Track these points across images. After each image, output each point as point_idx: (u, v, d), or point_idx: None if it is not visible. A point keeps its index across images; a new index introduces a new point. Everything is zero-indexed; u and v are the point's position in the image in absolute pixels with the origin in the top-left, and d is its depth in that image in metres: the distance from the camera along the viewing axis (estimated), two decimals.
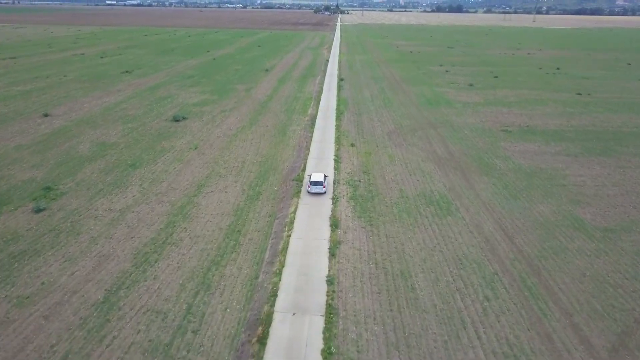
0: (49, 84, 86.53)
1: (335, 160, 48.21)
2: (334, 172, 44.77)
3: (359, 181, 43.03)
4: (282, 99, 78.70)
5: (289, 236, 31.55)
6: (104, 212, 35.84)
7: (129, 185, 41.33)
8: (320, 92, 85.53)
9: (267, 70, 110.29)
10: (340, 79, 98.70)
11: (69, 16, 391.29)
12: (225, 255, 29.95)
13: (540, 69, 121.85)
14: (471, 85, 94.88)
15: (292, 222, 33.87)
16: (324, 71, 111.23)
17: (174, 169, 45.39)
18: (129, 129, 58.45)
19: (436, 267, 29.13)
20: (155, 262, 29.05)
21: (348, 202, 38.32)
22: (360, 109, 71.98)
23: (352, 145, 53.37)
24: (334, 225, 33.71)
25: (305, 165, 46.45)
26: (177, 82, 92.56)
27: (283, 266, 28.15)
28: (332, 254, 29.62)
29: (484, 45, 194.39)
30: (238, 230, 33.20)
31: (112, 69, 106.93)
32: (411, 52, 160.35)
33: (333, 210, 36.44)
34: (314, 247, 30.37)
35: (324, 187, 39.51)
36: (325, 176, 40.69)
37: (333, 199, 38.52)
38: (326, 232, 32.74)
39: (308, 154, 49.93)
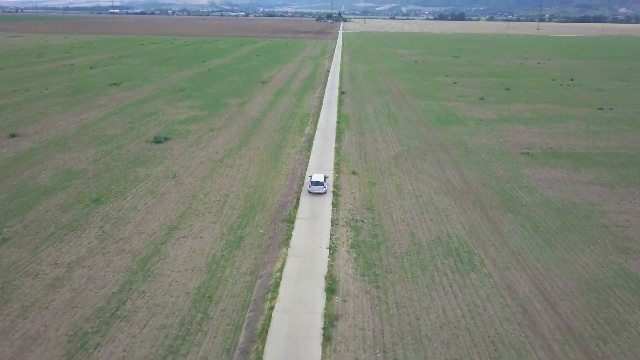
0: (28, 98, 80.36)
1: (334, 192, 41.46)
2: (332, 210, 38.01)
3: (362, 221, 36.22)
4: (277, 115, 72.18)
5: (271, 308, 24.67)
6: (48, 268, 29.11)
7: (88, 227, 34.64)
8: (319, 107, 79.02)
9: (264, 82, 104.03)
10: (342, 92, 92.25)
11: (69, 25, 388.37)
12: (188, 338, 23.10)
13: (553, 80, 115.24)
14: (482, 98, 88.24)
15: (277, 285, 27.01)
16: (324, 83, 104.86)
17: (145, 204, 38.72)
18: (102, 153, 51.91)
19: (464, 357, 22.21)
20: (95, 349, 22.22)
21: (349, 252, 31.47)
22: (362, 127, 65.33)
23: (354, 173, 46.60)
24: (331, 289, 26.82)
25: (298, 200, 39.70)
26: (167, 95, 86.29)
27: None
28: (326, 338, 22.71)
29: (491, 54, 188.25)
30: (209, 297, 26.36)
31: (99, 80, 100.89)
32: (415, 61, 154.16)
33: (330, 265, 29.59)
34: (303, 325, 23.46)
35: (324, 187, 40.79)
36: (325, 177, 41.91)
37: (330, 248, 31.69)
38: (320, 300, 25.84)
39: (302, 185, 43.19)
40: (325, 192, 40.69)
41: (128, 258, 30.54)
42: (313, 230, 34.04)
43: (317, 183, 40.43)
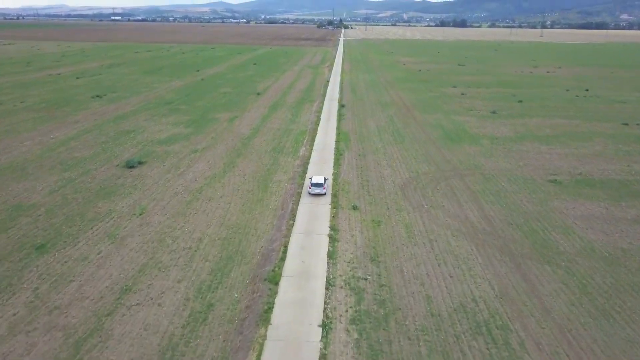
0: None
1: (330, 236, 34.27)
2: (328, 262, 30.77)
3: (365, 279, 28.99)
4: (270, 132, 65.13)
5: None
6: None
7: (19, 289, 27.47)
8: (317, 122, 71.99)
9: (258, 93, 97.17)
10: (341, 105, 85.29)
11: (67, 32, 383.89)
12: None
13: (567, 90, 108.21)
14: (494, 112, 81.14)
15: None
16: (323, 95, 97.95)
17: (98, 254, 31.58)
18: (63, 181, 44.84)
19: None
20: None
21: (347, 331, 24.17)
22: (364, 148, 58.22)
23: (355, 208, 39.39)
24: None
25: (286, 248, 32.49)
26: (151, 109, 79.42)
27: None
28: None
29: (496, 62, 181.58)
30: None
31: (82, 92, 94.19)
32: (419, 70, 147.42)
33: (322, 355, 22.29)
34: None
35: (324, 188, 41.87)
36: (325, 179, 43.18)
37: (323, 325, 24.40)
38: None
39: (293, 225, 35.99)
40: (325, 194, 41.99)
41: (59, 339, 23.33)
42: (302, 296, 26.72)
43: (317, 184, 41.74)
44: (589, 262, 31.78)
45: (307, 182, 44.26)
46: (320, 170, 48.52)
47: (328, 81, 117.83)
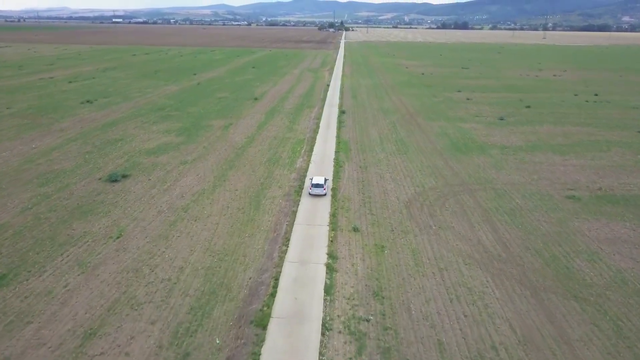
0: None
1: (327, 265, 30.52)
2: (325, 299, 27.03)
3: (367, 320, 25.24)
4: (266, 141, 61.47)
5: None
6: None
7: None
8: (316, 130, 68.31)
9: (255, 99, 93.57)
10: (342, 111, 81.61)
11: (66, 34, 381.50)
12: None
13: (576, 95, 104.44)
14: (502, 119, 77.39)
15: None
16: (323, 100, 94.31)
17: (65, 287, 27.89)
18: (39, 198, 41.21)
19: None
20: None
21: None
22: (366, 159, 54.50)
23: (355, 230, 35.66)
24: None
25: (277, 280, 28.72)
26: (143, 115, 75.86)
27: None
28: None
29: (501, 64, 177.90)
30: None
31: (73, 97, 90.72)
32: (422, 74, 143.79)
33: None
34: None
35: (324, 189, 42.07)
36: (325, 179, 43.48)
37: None
38: None
39: (286, 251, 32.25)
40: (325, 194, 42.22)
41: None
42: (293, 344, 22.89)
43: (317, 185, 42.01)
44: (621, 296, 27.98)
45: (307, 183, 44.89)
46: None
47: (328, 85, 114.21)
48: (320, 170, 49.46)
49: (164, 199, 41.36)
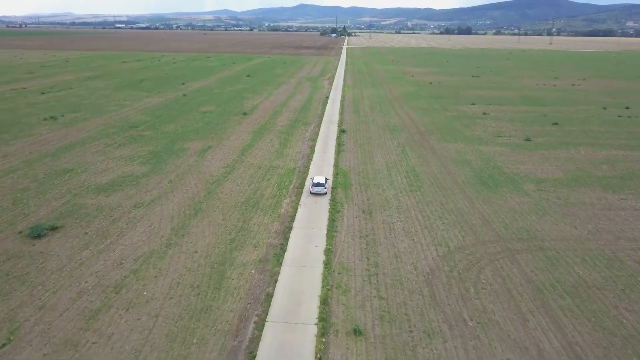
0: None
1: None
2: None
3: None
4: (247, 172, 50.39)
5: None
6: None
7: None
8: (310, 155, 57.24)
9: (244, 113, 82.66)
10: (342, 130, 70.53)
11: (63, 40, 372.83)
12: None
13: (605, 109, 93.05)
14: (529, 139, 66.11)
15: None
16: (321, 115, 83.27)
17: None
18: None
19: None
20: None
21: None
22: (370, 198, 43.28)
23: (357, 332, 24.29)
24: None
25: None
26: (109, 136, 64.96)
27: None
28: None
29: (512, 72, 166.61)
30: None
31: (37, 112, 79.98)
32: (430, 83, 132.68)
33: None
34: None
35: (325, 188, 43.30)
36: (326, 179, 44.91)
37: None
38: None
39: None
40: (325, 193, 43.34)
41: None
42: None
43: (318, 184, 43.24)
44: None
45: (308, 182, 46.06)
46: (306, 251, 33.52)
47: (327, 97, 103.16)
48: (311, 218, 38.32)
49: (93, 269, 30.21)
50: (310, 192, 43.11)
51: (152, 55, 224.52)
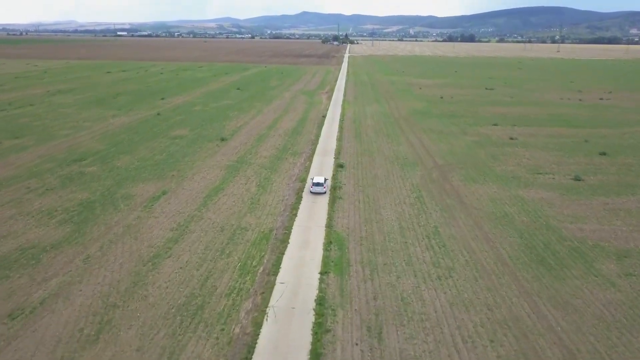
0: None
1: None
2: None
3: None
4: (204, 238, 35.77)
5: None
6: None
7: None
8: (295, 206, 42.71)
9: (222, 139, 68.29)
10: (339, 165, 56.03)
11: (56, 48, 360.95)
12: None
13: None
14: (579, 179, 51.36)
15: None
16: (315, 141, 68.83)
17: None
18: None
19: None
20: None
21: None
22: (377, 297, 28.50)
23: None
24: None
25: None
26: (40, 175, 50.60)
27: None
28: None
29: (528, 84, 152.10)
30: None
31: None
32: (441, 97, 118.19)
33: None
34: None
35: (325, 187, 44.81)
36: (325, 179, 46.10)
37: None
38: None
39: None
40: (325, 192, 44.78)
41: None
42: None
43: (317, 184, 44.67)
44: None
45: (308, 182, 46.73)
46: None
47: (324, 117, 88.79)
48: (283, 346, 23.71)
49: None
50: (310, 192, 44.80)
51: (140, 65, 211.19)
